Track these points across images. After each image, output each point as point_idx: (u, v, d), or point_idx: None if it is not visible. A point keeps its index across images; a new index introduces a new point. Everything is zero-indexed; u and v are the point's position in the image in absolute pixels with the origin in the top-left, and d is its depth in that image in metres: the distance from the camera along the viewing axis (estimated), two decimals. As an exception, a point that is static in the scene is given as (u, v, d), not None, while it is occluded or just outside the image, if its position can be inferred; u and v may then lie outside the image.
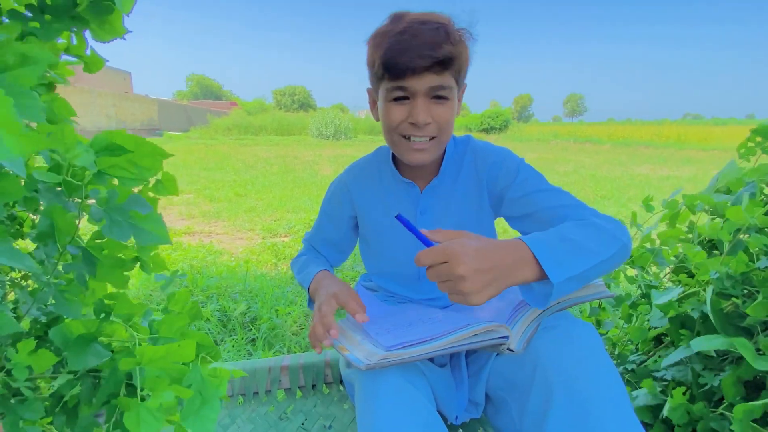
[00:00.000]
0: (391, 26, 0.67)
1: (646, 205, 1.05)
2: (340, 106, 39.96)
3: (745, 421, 0.59)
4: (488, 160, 0.78)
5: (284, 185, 6.11)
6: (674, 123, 28.88)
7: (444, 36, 0.64)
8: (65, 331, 0.48)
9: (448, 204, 0.80)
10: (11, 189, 0.39)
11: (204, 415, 0.44)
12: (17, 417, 0.50)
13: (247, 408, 0.91)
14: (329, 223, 0.92)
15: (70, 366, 0.47)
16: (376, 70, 0.69)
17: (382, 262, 0.89)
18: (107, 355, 0.48)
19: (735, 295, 0.73)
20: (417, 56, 0.63)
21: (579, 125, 32.86)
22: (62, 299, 0.51)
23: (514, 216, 0.76)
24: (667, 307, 0.83)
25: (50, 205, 0.48)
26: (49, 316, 0.58)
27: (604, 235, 0.61)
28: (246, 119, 22.91)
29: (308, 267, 0.88)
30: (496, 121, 27.51)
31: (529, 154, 12.98)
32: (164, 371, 0.44)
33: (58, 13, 0.47)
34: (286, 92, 64.67)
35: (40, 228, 0.47)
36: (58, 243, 0.48)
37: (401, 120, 0.69)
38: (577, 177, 7.58)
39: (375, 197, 0.85)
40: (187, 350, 0.44)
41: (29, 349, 0.46)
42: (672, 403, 0.71)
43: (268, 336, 1.81)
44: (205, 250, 3.03)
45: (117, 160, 0.44)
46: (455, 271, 0.51)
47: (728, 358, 0.76)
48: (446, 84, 0.67)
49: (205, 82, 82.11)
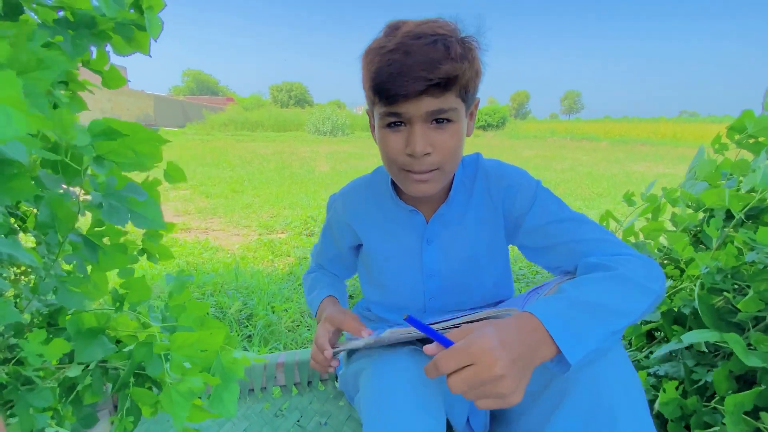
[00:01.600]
0: (383, 41, 0.59)
1: (627, 199, 1.06)
2: (337, 102, 39.85)
3: (737, 413, 0.60)
4: (503, 183, 0.70)
5: (281, 182, 6.09)
6: (670, 120, 29.01)
7: (442, 52, 0.55)
8: (78, 322, 0.50)
9: (457, 232, 0.73)
10: (22, 188, 0.41)
11: (226, 398, 0.48)
12: (27, 405, 0.51)
13: (243, 405, 0.91)
14: (331, 245, 0.87)
15: (78, 358, 0.49)
16: (367, 93, 0.62)
17: (383, 293, 0.82)
18: (113, 349, 0.51)
19: (726, 289, 0.74)
20: (410, 79, 0.54)
21: (576, 122, 32.94)
22: (64, 290, 0.52)
23: (530, 247, 0.70)
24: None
25: (50, 195, 0.49)
26: (50, 308, 0.60)
27: (632, 288, 0.54)
28: (242, 115, 22.79)
29: (315, 289, 0.86)
30: (493, 118, 27.51)
31: (526, 151, 12.99)
32: (191, 358, 0.47)
33: (81, 29, 0.48)
34: (283, 88, 64.36)
35: (41, 218, 0.49)
36: (59, 233, 0.50)
37: (398, 150, 0.61)
38: (573, 174, 7.60)
39: (375, 226, 0.78)
40: (217, 337, 0.47)
41: (41, 338, 0.47)
42: (664, 397, 0.72)
43: (264, 333, 1.81)
44: (201, 247, 3.02)
45: (114, 144, 0.45)
46: (491, 372, 0.43)
47: (720, 353, 0.77)
48: (447, 106, 0.58)
49: (201, 78, 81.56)
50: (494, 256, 0.75)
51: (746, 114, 0.86)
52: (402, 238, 0.75)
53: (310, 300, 0.86)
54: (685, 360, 0.79)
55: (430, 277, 0.76)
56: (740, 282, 0.73)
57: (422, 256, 0.75)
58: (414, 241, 0.75)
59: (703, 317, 0.69)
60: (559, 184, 6.35)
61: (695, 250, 0.85)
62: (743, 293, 0.72)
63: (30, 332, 0.49)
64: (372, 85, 0.58)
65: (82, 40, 0.47)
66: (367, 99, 0.64)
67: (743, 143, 0.87)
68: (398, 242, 0.76)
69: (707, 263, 0.74)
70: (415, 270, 0.76)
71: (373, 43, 0.61)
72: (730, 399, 0.60)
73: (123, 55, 0.53)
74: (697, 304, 0.71)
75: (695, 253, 0.77)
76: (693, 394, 0.75)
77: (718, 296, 0.76)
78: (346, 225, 0.80)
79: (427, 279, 0.76)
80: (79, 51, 0.47)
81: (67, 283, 0.52)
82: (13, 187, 0.40)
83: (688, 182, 0.96)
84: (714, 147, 0.94)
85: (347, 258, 0.88)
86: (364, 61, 0.61)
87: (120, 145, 0.45)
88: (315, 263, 0.95)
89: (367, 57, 0.60)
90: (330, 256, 0.90)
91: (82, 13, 0.47)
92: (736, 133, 0.88)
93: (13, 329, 0.54)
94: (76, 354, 0.49)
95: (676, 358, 0.83)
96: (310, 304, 0.86)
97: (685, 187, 0.96)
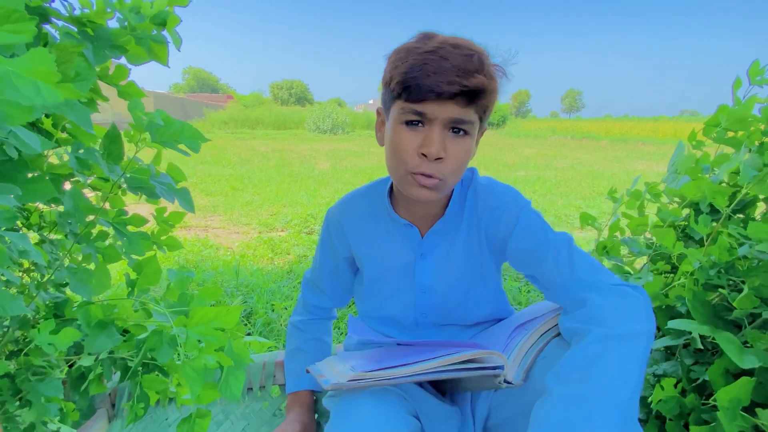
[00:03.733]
0: (418, 44, 0.59)
1: (611, 196, 1.06)
2: (337, 101, 39.77)
3: (732, 408, 0.59)
4: (489, 204, 0.70)
5: (281, 180, 6.09)
6: (671, 120, 28.95)
7: (478, 65, 0.56)
8: (88, 314, 0.53)
9: (451, 249, 0.73)
10: (42, 189, 0.46)
11: (232, 383, 0.51)
12: (39, 395, 0.54)
13: (242, 404, 0.91)
14: (330, 258, 0.84)
15: (88, 349, 0.53)
16: (392, 87, 0.60)
17: (377, 306, 0.82)
18: (119, 340, 0.54)
19: (721, 285, 0.74)
20: (444, 81, 0.55)
21: (577, 121, 32.90)
22: (76, 281, 0.56)
23: (516, 267, 0.71)
24: (652, 297, 0.83)
25: (72, 189, 0.57)
26: (55, 300, 0.63)
27: (624, 355, 0.51)
28: (243, 113, 22.79)
29: (295, 358, 0.84)
30: (494, 116, 27.49)
31: (527, 150, 12.98)
32: (205, 336, 0.50)
33: (100, 42, 0.53)
34: (284, 86, 64.27)
35: (66, 207, 0.56)
36: (78, 221, 0.57)
37: (410, 148, 0.60)
38: (574, 173, 7.60)
39: (370, 240, 0.77)
40: (234, 315, 0.50)
41: (50, 328, 0.50)
42: (661, 394, 0.72)
43: (263, 331, 1.81)
44: (200, 245, 3.03)
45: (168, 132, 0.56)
46: None
47: (719, 351, 0.77)
48: (469, 118, 0.58)
49: (201, 75, 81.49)
50: (485, 275, 0.75)
51: (721, 109, 0.85)
52: (396, 251, 0.75)
53: (288, 367, 0.84)
54: (683, 359, 0.79)
55: (422, 293, 0.76)
56: (735, 278, 0.73)
57: (415, 271, 0.74)
58: (408, 256, 0.74)
59: (693, 313, 0.69)
60: (560, 182, 6.35)
61: (684, 245, 0.85)
62: (738, 289, 0.72)
63: (38, 324, 0.52)
64: (402, 79, 0.57)
65: (102, 51, 0.53)
66: (386, 95, 0.63)
67: (721, 138, 0.87)
68: (392, 256, 0.75)
69: (699, 259, 0.74)
70: (407, 284, 0.76)
71: (405, 44, 0.61)
72: (722, 393, 0.60)
73: (136, 65, 0.60)
74: (687, 301, 0.70)
75: (687, 249, 0.77)
76: (691, 392, 0.75)
77: (714, 292, 0.76)
78: (344, 235, 0.80)
79: (420, 294, 0.76)
80: (100, 60, 0.53)
81: (78, 274, 0.57)
82: (33, 188, 0.45)
83: (670, 176, 0.95)
84: (692, 143, 0.94)
85: (344, 273, 0.85)
86: (394, 58, 0.60)
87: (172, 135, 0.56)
88: (308, 292, 0.90)
89: (399, 54, 0.60)
90: (328, 271, 0.85)
91: (101, 29, 0.54)
92: (713, 129, 0.88)
93: (18, 322, 0.56)
94: (87, 345, 0.52)
95: (674, 357, 0.83)
96: (288, 368, 0.84)
97: (668, 182, 0.96)
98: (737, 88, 0.84)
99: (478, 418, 0.71)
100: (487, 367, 0.58)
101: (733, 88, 0.84)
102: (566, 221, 4.07)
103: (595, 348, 0.52)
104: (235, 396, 0.50)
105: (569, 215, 4.26)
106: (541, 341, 0.66)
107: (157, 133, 0.55)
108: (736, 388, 0.60)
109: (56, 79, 0.27)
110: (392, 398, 0.63)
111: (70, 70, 0.42)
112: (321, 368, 0.66)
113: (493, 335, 0.74)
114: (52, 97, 0.26)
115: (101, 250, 0.60)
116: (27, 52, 0.26)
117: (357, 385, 0.56)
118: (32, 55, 0.26)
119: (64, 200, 0.55)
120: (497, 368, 0.58)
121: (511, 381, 0.59)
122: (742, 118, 0.83)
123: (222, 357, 0.49)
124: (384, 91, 0.64)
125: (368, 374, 0.56)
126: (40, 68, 0.26)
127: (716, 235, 0.81)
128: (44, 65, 0.26)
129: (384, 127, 0.66)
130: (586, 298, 0.59)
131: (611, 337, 0.52)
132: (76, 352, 0.62)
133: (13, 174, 0.45)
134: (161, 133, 0.55)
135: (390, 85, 0.60)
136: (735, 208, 0.82)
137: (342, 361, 0.67)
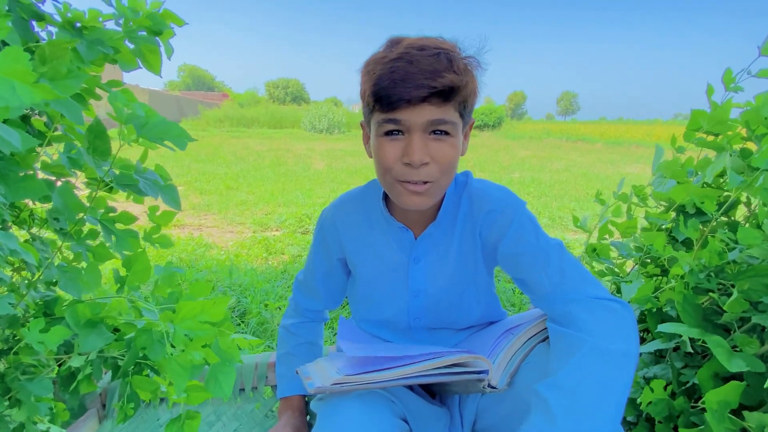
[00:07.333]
0: (385, 52, 0.59)
1: (598, 199, 1.06)
2: (333, 100, 39.72)
3: (720, 411, 0.60)
4: (484, 208, 0.70)
5: (276, 179, 6.07)
6: (665, 123, 29.21)
7: (446, 63, 0.56)
8: (76, 313, 0.53)
9: (445, 253, 0.73)
10: (33, 187, 0.47)
11: (222, 380, 0.50)
12: (29, 394, 0.54)
13: (233, 405, 0.91)
14: (324, 259, 0.84)
15: (79, 348, 0.53)
16: (367, 101, 0.61)
17: (370, 309, 0.82)
18: (112, 338, 0.54)
19: (711, 289, 0.74)
20: (413, 86, 0.55)
21: (572, 124, 33.08)
22: (66, 279, 0.56)
23: (507, 271, 0.71)
24: (644, 301, 0.84)
25: (62, 186, 0.57)
26: (45, 299, 0.62)
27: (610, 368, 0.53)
28: (238, 111, 22.68)
29: (285, 362, 0.83)
30: (490, 118, 27.56)
31: (522, 151, 13.04)
32: (193, 331, 0.49)
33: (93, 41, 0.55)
34: (279, 85, 64.03)
35: (55, 205, 0.56)
36: (67, 219, 0.57)
37: (394, 159, 0.60)
38: (569, 175, 7.64)
39: (364, 242, 0.77)
40: (220, 307, 0.49)
41: (40, 326, 0.50)
42: (651, 396, 0.73)
43: (257, 331, 1.81)
44: (194, 243, 3.01)
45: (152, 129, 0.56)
46: None
47: (708, 354, 0.78)
48: (448, 118, 0.58)
49: (197, 73, 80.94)
50: (478, 278, 0.75)
51: (697, 113, 0.87)
52: (390, 254, 0.75)
53: (279, 371, 0.84)
54: (673, 362, 0.80)
55: (415, 296, 0.76)
56: (725, 281, 0.74)
57: (408, 274, 0.74)
58: (401, 258, 0.74)
59: (683, 317, 0.70)
60: (555, 184, 6.39)
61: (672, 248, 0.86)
62: (728, 293, 0.73)
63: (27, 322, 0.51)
64: (373, 91, 0.58)
65: (95, 47, 0.54)
66: (365, 109, 0.64)
67: (702, 142, 0.88)
68: (385, 258, 0.75)
69: (690, 263, 0.75)
70: (400, 287, 0.76)
71: (374, 54, 0.61)
72: (711, 395, 0.60)
73: (129, 71, 0.61)
74: (677, 304, 0.71)
75: (677, 252, 0.78)
76: (681, 395, 0.75)
77: (704, 296, 0.77)
78: (338, 236, 0.79)
79: (413, 297, 0.76)
80: (93, 54, 0.54)
81: (68, 273, 0.57)
82: (25, 186, 0.46)
83: (656, 180, 0.96)
84: (675, 148, 0.95)
85: (338, 275, 0.85)
86: (365, 71, 0.61)
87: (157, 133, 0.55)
88: (299, 295, 0.89)
89: (368, 67, 0.60)
90: (322, 272, 0.84)
91: (95, 30, 0.55)
92: (693, 133, 0.89)
93: (8, 321, 0.55)
94: (78, 344, 0.52)
95: (664, 360, 0.84)
96: (278, 372, 0.83)
97: (654, 185, 0.96)
98: (711, 94, 0.86)
99: (466, 421, 0.71)
100: (471, 372, 0.58)
101: (707, 94, 0.86)
102: (560, 223, 4.10)
103: (587, 361, 0.54)
104: (226, 393, 0.50)
105: (563, 217, 4.29)
106: (526, 347, 0.66)
107: (144, 129, 0.54)
108: (724, 391, 0.60)
109: (32, 79, 0.26)
110: (379, 401, 0.63)
111: (62, 66, 0.42)
112: (309, 370, 0.66)
113: (480, 339, 0.75)
114: (28, 97, 0.26)
115: (91, 249, 0.60)
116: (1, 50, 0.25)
117: (341, 389, 0.56)
118: (7, 54, 0.25)
119: (53, 197, 0.55)
120: (481, 372, 0.59)
121: (496, 386, 0.59)
122: (721, 121, 0.85)
123: (209, 353, 0.49)
124: (362, 105, 0.64)
125: (353, 378, 0.56)
126: (15, 67, 0.25)
127: (704, 239, 0.82)
128: (19, 64, 0.26)
129: (369, 140, 0.66)
130: (572, 310, 0.60)
131: (604, 351, 0.54)
132: (67, 350, 0.62)
133: (3, 172, 0.45)
134: (148, 130, 0.55)
135: (365, 98, 0.61)
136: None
137: (330, 362, 0.67)
